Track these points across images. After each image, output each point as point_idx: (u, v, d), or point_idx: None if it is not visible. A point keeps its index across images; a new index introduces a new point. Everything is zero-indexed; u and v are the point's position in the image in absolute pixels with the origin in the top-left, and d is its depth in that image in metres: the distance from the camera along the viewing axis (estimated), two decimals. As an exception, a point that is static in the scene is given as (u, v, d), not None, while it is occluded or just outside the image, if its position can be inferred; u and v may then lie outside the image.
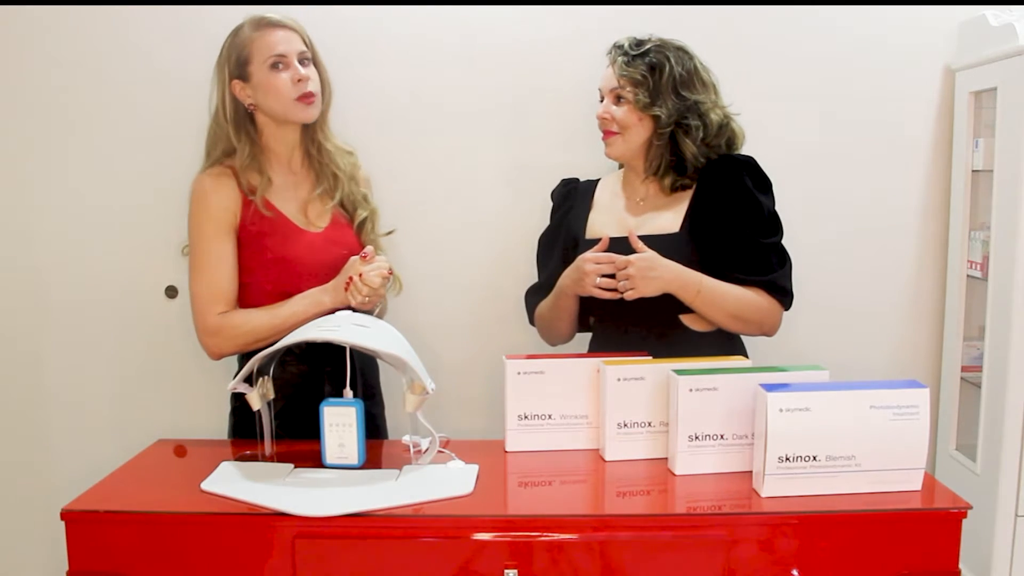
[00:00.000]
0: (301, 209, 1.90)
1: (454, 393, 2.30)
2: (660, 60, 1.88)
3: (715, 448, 1.61)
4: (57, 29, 2.29)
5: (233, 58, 1.84)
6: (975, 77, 2.28)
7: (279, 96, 1.82)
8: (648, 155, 1.93)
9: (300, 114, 1.85)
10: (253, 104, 1.85)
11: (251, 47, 1.82)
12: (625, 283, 1.79)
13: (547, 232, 2.09)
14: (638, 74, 1.87)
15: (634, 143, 1.92)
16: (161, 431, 1.96)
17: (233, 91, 1.85)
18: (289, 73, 1.82)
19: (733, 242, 1.86)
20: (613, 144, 1.94)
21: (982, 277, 2.27)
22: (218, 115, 1.87)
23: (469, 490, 1.55)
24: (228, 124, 1.85)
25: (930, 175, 2.42)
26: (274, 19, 1.84)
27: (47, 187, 2.35)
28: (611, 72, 1.92)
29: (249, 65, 1.83)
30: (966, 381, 2.37)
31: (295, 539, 1.45)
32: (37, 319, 2.40)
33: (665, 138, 1.89)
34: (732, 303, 1.84)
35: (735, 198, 1.87)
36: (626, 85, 1.89)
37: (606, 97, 1.94)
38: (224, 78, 1.85)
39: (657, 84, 1.87)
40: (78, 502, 1.51)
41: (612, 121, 1.92)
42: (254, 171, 1.86)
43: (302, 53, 1.84)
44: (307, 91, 1.83)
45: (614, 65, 1.91)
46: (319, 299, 1.81)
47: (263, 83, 1.82)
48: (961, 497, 1.51)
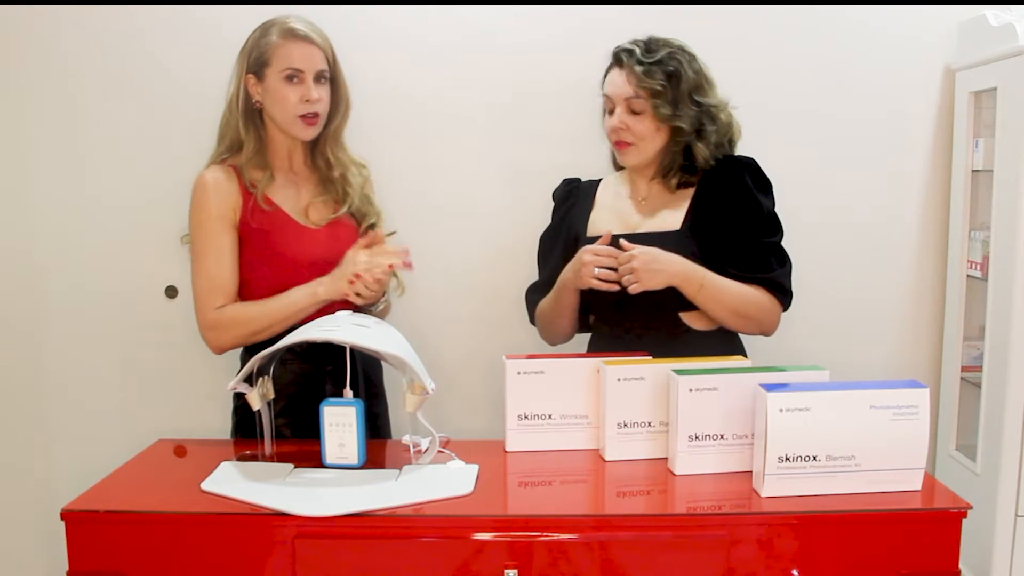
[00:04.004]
0: (302, 209, 1.90)
1: (454, 393, 2.31)
2: (676, 67, 1.84)
3: (715, 448, 1.61)
4: (60, 28, 2.29)
5: (254, 55, 1.85)
6: (975, 77, 2.28)
7: (284, 108, 1.83)
8: (661, 160, 1.91)
9: (299, 131, 1.86)
10: (260, 102, 1.87)
11: (272, 52, 1.83)
12: (629, 276, 1.78)
13: (548, 231, 2.08)
14: (657, 84, 1.82)
15: (650, 152, 1.89)
16: (161, 431, 1.96)
17: (247, 84, 1.86)
18: (300, 89, 1.82)
19: (734, 241, 1.86)
20: (628, 155, 1.89)
21: (982, 277, 2.27)
22: (231, 103, 1.89)
23: (469, 490, 1.55)
24: (238, 114, 1.87)
25: (930, 175, 2.42)
26: (302, 32, 1.83)
27: (48, 186, 2.35)
28: (621, 79, 1.85)
29: (266, 68, 1.84)
30: (966, 381, 2.37)
31: (295, 539, 1.45)
32: (37, 318, 2.40)
33: (682, 145, 1.87)
34: (734, 299, 1.84)
35: (736, 198, 1.87)
36: (644, 96, 1.83)
37: (618, 106, 1.87)
38: (242, 70, 1.86)
39: (676, 93, 1.84)
40: (78, 502, 1.51)
41: (627, 132, 1.87)
42: (257, 167, 1.87)
43: (320, 72, 1.85)
44: (311, 112, 1.84)
45: (629, 73, 1.84)
46: (314, 290, 1.81)
47: (273, 90, 1.83)
48: (961, 497, 1.51)
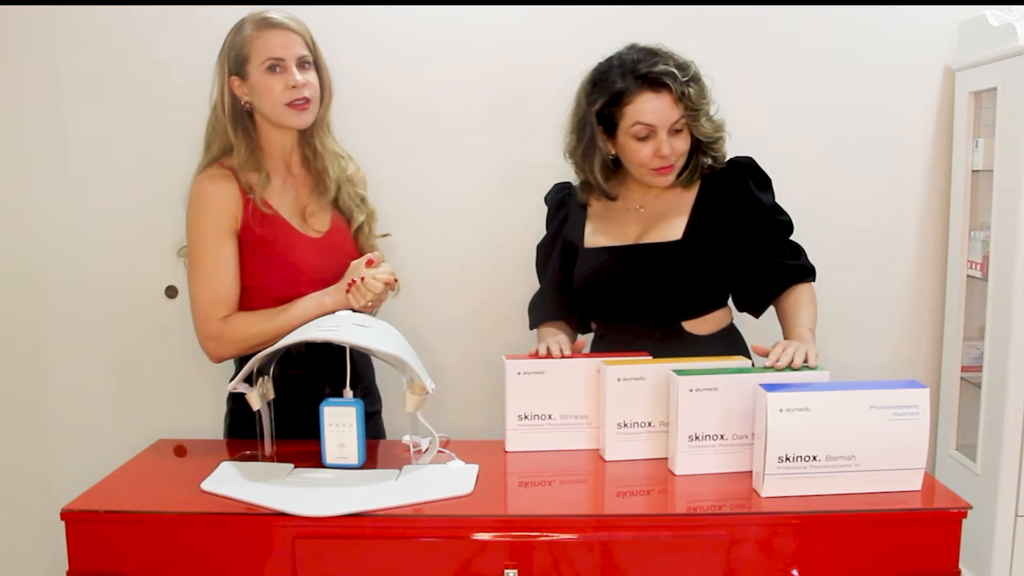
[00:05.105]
0: (299, 213, 1.88)
1: (454, 393, 2.31)
2: (702, 79, 1.82)
3: (715, 448, 1.61)
4: (59, 29, 2.29)
5: (233, 55, 1.82)
6: (975, 77, 2.28)
7: (271, 100, 1.80)
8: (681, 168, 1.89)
9: (291, 120, 1.83)
10: (249, 103, 1.84)
11: (250, 47, 1.80)
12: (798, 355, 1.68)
13: (545, 240, 2.06)
14: (703, 103, 1.80)
15: (681, 165, 1.87)
16: (161, 431, 1.96)
17: (231, 87, 1.83)
18: (284, 77, 1.79)
19: (760, 243, 1.88)
20: (668, 176, 1.84)
21: (982, 277, 2.27)
22: (216, 109, 1.86)
23: (469, 490, 1.55)
24: (226, 119, 1.84)
25: (930, 175, 2.42)
26: (276, 20, 1.81)
27: (47, 187, 2.35)
28: (666, 104, 1.77)
29: (247, 64, 1.81)
30: (966, 381, 2.37)
31: (295, 539, 1.45)
32: (37, 319, 2.39)
33: (717, 150, 1.86)
34: (815, 311, 1.86)
35: (745, 200, 1.87)
36: (688, 116, 1.79)
37: (661, 132, 1.78)
38: (223, 73, 1.84)
39: (707, 108, 1.83)
40: (78, 502, 1.51)
41: (674, 154, 1.80)
42: (252, 169, 1.84)
43: (302, 57, 1.82)
44: (299, 97, 1.80)
45: (675, 97, 1.76)
46: (321, 301, 1.80)
47: (258, 84, 1.80)
48: (961, 497, 1.51)
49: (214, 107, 1.87)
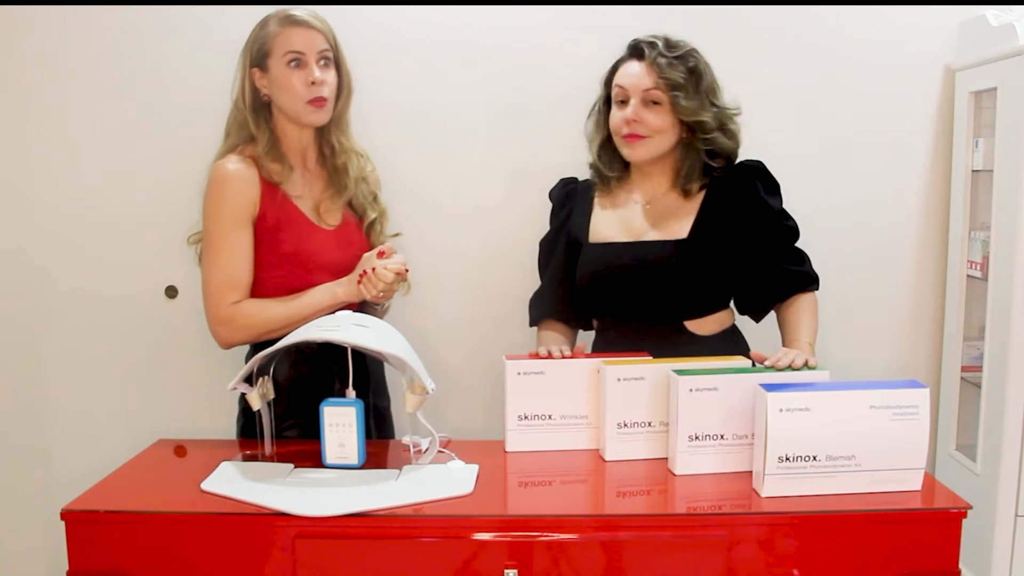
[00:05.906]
0: (314, 207, 1.89)
1: (454, 393, 2.31)
2: (697, 64, 1.84)
3: (715, 448, 1.61)
4: (60, 28, 2.29)
5: (256, 48, 1.85)
6: (975, 77, 2.28)
7: (290, 95, 1.82)
8: (679, 166, 1.90)
9: (309, 116, 1.85)
10: (268, 95, 1.86)
11: (272, 41, 1.83)
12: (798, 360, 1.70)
13: (548, 237, 2.07)
14: (680, 77, 1.81)
15: (660, 149, 1.87)
16: (162, 431, 1.96)
17: (252, 79, 1.86)
18: (304, 73, 1.81)
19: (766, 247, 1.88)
20: (638, 148, 1.86)
21: (982, 277, 2.27)
22: (238, 101, 1.88)
23: (469, 490, 1.56)
24: (247, 111, 1.86)
25: (930, 175, 2.42)
26: (299, 17, 1.83)
27: (48, 186, 2.35)
28: (640, 70, 1.83)
29: (268, 58, 1.83)
30: (966, 381, 2.37)
31: (295, 539, 1.45)
32: (37, 319, 2.40)
33: (707, 145, 1.86)
34: (816, 324, 1.88)
35: (753, 203, 1.88)
36: (664, 87, 1.82)
37: (633, 98, 1.84)
38: (245, 66, 1.86)
39: (697, 89, 1.83)
40: (78, 502, 1.51)
41: (641, 124, 1.85)
42: (274, 160, 1.86)
43: (323, 52, 1.84)
44: (318, 95, 1.82)
45: (650, 65, 1.82)
46: (333, 291, 1.82)
47: (278, 78, 1.83)
48: (961, 497, 1.51)
49: (236, 99, 1.89)
